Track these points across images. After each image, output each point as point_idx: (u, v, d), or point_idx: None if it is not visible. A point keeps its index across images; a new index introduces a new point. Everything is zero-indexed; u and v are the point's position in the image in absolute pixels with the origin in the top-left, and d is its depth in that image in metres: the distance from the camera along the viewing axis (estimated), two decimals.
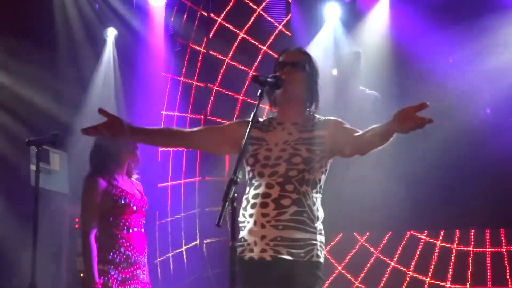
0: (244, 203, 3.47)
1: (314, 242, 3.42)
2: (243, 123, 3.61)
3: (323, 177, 3.55)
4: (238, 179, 2.96)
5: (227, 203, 2.85)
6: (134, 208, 4.67)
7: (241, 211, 3.47)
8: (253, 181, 3.49)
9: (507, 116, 7.12)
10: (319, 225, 3.47)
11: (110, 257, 4.56)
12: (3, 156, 7.34)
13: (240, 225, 3.47)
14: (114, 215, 4.62)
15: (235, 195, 2.88)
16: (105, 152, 4.69)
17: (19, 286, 6.63)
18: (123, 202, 4.62)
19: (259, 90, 3.36)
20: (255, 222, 3.41)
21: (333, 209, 5.89)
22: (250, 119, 3.22)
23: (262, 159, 3.48)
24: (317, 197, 3.51)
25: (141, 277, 4.65)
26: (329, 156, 3.55)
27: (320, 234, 3.48)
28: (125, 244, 4.61)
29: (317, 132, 3.53)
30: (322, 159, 3.51)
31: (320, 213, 3.50)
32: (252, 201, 3.44)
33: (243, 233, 3.46)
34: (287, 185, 3.40)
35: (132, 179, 4.85)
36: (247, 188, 3.51)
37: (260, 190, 3.43)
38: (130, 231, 4.64)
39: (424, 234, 7.35)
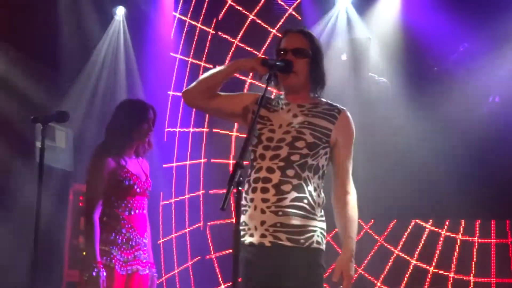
0: (246, 186, 3.43)
1: (314, 228, 3.40)
2: (255, 98, 3.56)
3: (326, 163, 3.51)
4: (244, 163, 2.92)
5: (232, 186, 2.81)
6: (138, 190, 4.65)
7: (244, 194, 3.43)
8: (255, 163, 3.45)
9: None
10: (320, 212, 3.44)
11: (112, 237, 4.55)
12: (8, 133, 7.29)
13: (242, 208, 3.43)
14: (117, 196, 4.60)
15: (241, 178, 2.84)
16: (120, 130, 4.67)
17: (18, 265, 6.64)
18: (127, 183, 4.60)
19: (267, 74, 3.33)
20: (255, 207, 3.38)
21: None
22: (258, 103, 3.19)
23: (264, 140, 3.44)
24: (319, 183, 3.47)
25: (141, 257, 4.65)
26: (332, 149, 3.52)
27: (321, 220, 3.45)
28: (126, 226, 4.59)
29: (325, 123, 3.49)
30: (327, 147, 3.48)
31: (322, 199, 3.47)
32: (253, 185, 3.41)
33: (244, 217, 3.43)
34: (288, 170, 3.36)
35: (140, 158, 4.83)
36: (249, 170, 3.47)
37: (261, 174, 3.39)
38: (132, 213, 4.63)
39: (429, 223, 7.31)
